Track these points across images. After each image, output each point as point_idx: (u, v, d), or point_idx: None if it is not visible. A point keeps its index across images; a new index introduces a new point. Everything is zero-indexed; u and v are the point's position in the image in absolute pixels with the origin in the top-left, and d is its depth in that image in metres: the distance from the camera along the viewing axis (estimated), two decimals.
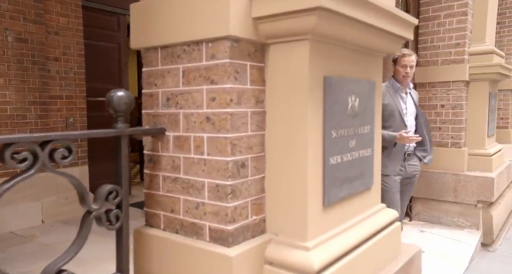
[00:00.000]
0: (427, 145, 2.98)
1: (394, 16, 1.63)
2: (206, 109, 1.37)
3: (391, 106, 2.85)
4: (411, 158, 3.00)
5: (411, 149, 2.97)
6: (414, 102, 2.99)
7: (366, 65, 1.75)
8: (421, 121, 2.96)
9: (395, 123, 2.85)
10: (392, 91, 2.92)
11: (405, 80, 2.88)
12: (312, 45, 1.36)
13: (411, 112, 2.96)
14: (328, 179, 1.49)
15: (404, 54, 2.85)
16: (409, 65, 2.83)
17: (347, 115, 1.59)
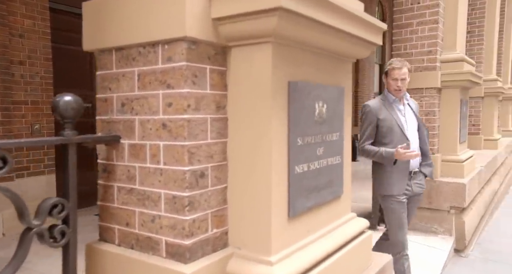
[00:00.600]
0: (429, 156, 2.70)
1: (362, 21, 1.60)
2: (162, 115, 1.28)
3: (388, 120, 2.56)
4: (417, 176, 2.66)
5: (416, 165, 2.64)
6: (414, 113, 2.69)
7: (335, 70, 1.71)
8: (424, 132, 2.67)
9: (396, 139, 2.54)
10: (388, 104, 2.63)
11: (398, 93, 2.62)
12: (275, 48, 1.29)
13: (412, 124, 2.66)
14: (293, 189, 1.42)
15: (393, 67, 2.60)
16: (400, 78, 2.56)
17: (314, 122, 1.53)
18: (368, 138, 2.63)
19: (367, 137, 2.62)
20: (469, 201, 4.21)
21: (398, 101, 2.64)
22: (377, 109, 2.60)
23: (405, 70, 2.59)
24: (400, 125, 2.56)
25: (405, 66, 2.60)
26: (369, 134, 2.62)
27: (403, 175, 2.58)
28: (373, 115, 2.59)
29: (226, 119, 1.39)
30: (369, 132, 2.61)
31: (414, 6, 4.09)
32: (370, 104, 2.67)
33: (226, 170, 1.41)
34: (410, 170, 2.59)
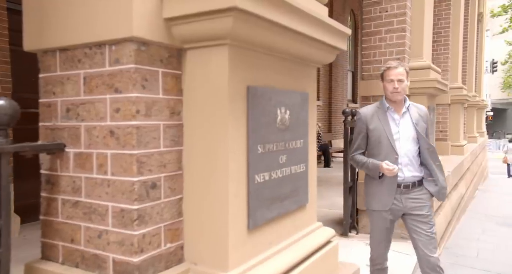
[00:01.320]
0: (437, 175, 2.30)
1: (325, 25, 1.56)
2: (109, 122, 1.18)
3: (377, 131, 2.29)
4: (411, 191, 2.30)
5: (408, 179, 2.29)
6: (414, 123, 2.29)
7: (298, 75, 1.66)
8: (424, 146, 2.28)
9: (384, 151, 2.27)
10: (381, 112, 2.31)
11: (395, 97, 2.24)
12: (233, 51, 1.23)
13: (408, 136, 2.28)
14: (253, 199, 1.35)
15: (388, 67, 2.29)
16: (397, 79, 2.22)
17: (276, 129, 1.47)
18: (358, 148, 2.40)
19: (356, 147, 2.40)
20: (436, 207, 4.27)
21: (392, 110, 2.30)
22: (368, 117, 2.33)
23: (402, 70, 2.25)
24: (389, 137, 2.26)
25: (401, 66, 2.27)
26: (358, 145, 2.39)
27: (388, 189, 2.31)
28: (363, 123, 2.35)
29: (181, 126, 1.31)
30: (358, 142, 2.38)
31: (382, 14, 4.16)
32: (361, 112, 2.39)
33: (181, 180, 1.32)
34: (400, 183, 2.28)
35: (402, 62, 2.33)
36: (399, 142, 2.28)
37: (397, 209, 2.32)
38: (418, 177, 2.32)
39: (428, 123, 2.36)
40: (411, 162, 2.29)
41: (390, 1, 4.12)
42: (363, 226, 4.35)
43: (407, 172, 2.30)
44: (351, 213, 4.31)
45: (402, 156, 2.27)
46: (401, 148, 2.28)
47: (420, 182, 2.34)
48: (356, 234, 4.30)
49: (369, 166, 2.31)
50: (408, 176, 2.29)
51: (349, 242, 4.07)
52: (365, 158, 2.35)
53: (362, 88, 4.38)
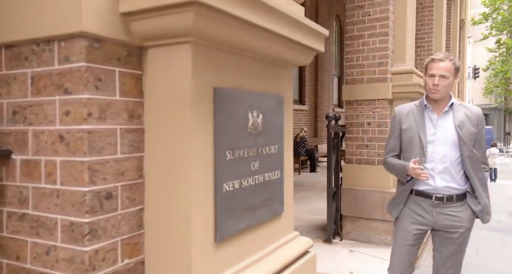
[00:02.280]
0: (478, 190, 1.92)
1: (301, 25, 1.48)
2: (59, 126, 1.07)
3: (410, 131, 1.99)
4: (446, 205, 1.92)
5: (441, 190, 1.92)
6: (456, 125, 1.92)
7: (273, 77, 1.58)
8: (466, 154, 1.90)
9: (414, 154, 1.96)
10: (418, 111, 2.01)
11: (433, 95, 1.92)
12: (197, 49, 1.14)
13: (446, 140, 1.93)
14: (221, 209, 1.25)
15: (432, 59, 1.93)
16: (438, 74, 1.87)
17: (247, 134, 1.38)
18: (390, 150, 2.12)
19: (389, 149, 2.12)
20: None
21: (431, 108, 1.98)
22: (403, 116, 2.04)
23: (448, 65, 1.88)
24: (422, 138, 1.94)
25: (449, 59, 1.89)
26: (391, 146, 2.11)
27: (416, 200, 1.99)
28: (397, 123, 2.07)
29: (142, 131, 1.21)
30: (391, 144, 2.11)
31: (365, 18, 4.14)
32: (396, 110, 2.11)
33: (142, 189, 1.21)
34: (431, 193, 1.93)
35: (451, 55, 1.94)
36: (433, 145, 1.93)
37: (427, 224, 1.95)
38: (457, 189, 1.92)
39: (480, 128, 1.96)
40: (447, 170, 1.91)
41: (372, 5, 4.10)
42: (347, 232, 4.28)
43: (440, 181, 1.91)
44: (335, 219, 4.24)
45: (436, 162, 1.92)
46: (436, 152, 1.92)
47: (460, 197, 1.93)
48: (340, 241, 4.23)
49: (396, 168, 2.03)
50: (440, 186, 1.91)
51: (332, 248, 3.99)
52: (396, 160, 2.06)
53: (345, 93, 4.34)
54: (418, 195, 1.99)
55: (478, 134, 1.95)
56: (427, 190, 1.95)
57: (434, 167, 1.93)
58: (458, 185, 1.93)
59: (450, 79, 1.89)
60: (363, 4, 4.14)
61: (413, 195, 2.00)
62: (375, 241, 4.09)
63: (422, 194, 1.97)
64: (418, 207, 1.99)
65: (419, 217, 1.98)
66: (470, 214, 1.94)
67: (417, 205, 1.99)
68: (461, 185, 1.94)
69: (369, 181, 4.15)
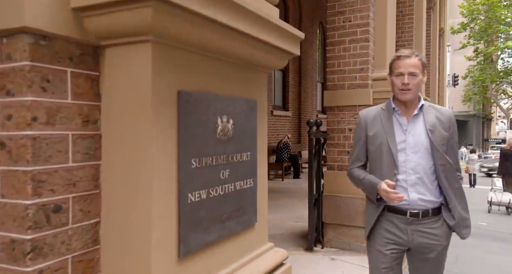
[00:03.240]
0: (453, 202, 1.70)
1: (274, 26, 1.42)
2: (0, 131, 0.97)
3: (378, 138, 1.74)
4: (422, 221, 1.70)
5: (416, 205, 1.69)
6: (428, 129, 1.70)
7: (245, 81, 1.50)
8: (438, 161, 1.68)
9: (384, 165, 1.72)
10: (386, 115, 1.76)
11: (404, 96, 1.68)
12: (158, 49, 1.05)
13: (418, 147, 1.69)
14: (186, 221, 1.16)
15: (398, 56, 1.71)
16: (407, 72, 1.66)
17: (216, 140, 1.30)
18: (356, 160, 1.86)
19: (354, 158, 1.86)
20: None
21: (400, 112, 1.74)
22: (368, 121, 1.79)
23: (416, 61, 1.68)
24: (390, 147, 1.70)
25: (415, 55, 1.70)
26: (356, 156, 1.85)
27: (388, 218, 1.76)
28: (362, 129, 1.82)
29: (99, 137, 1.11)
30: (356, 153, 1.85)
31: (346, 24, 4.13)
32: (361, 115, 1.86)
33: (98, 201, 1.11)
34: (405, 209, 1.70)
35: (416, 51, 1.75)
36: (404, 153, 1.69)
37: (401, 243, 1.72)
38: (433, 202, 1.70)
39: (451, 132, 1.75)
40: (421, 181, 1.68)
41: (353, 11, 4.11)
42: (328, 240, 4.22)
43: (414, 194, 1.69)
44: (316, 226, 4.18)
45: (409, 173, 1.69)
46: (408, 161, 1.69)
47: (436, 211, 1.70)
48: (322, 248, 4.16)
49: (364, 183, 1.76)
50: (414, 199, 1.68)
51: (313, 257, 3.92)
52: (363, 173, 1.81)
53: (327, 99, 4.31)
54: (391, 211, 1.73)
55: (450, 139, 1.73)
56: (400, 206, 1.71)
57: (406, 178, 1.69)
58: (434, 197, 1.71)
59: (419, 76, 1.69)
60: (344, 10, 4.14)
61: (385, 211, 1.75)
62: (357, 249, 4.04)
63: (395, 210, 1.72)
64: (392, 225, 1.74)
65: (393, 236, 1.72)
66: (447, 230, 1.73)
67: (390, 223, 1.74)
68: (437, 197, 1.72)
69: (350, 188, 4.09)
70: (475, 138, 31.33)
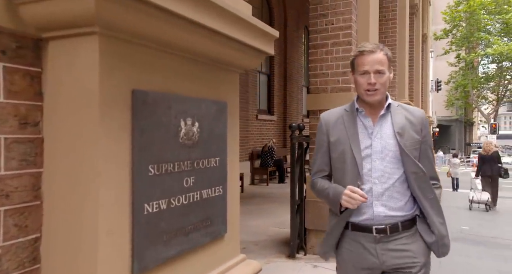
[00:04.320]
0: (430, 216, 1.46)
1: (244, 23, 1.32)
2: None
3: (341, 143, 1.50)
4: (391, 238, 1.43)
5: (381, 220, 1.43)
6: (396, 132, 1.46)
7: (214, 81, 1.40)
8: (410, 169, 1.44)
9: (349, 175, 1.47)
10: (349, 117, 1.52)
11: (372, 98, 1.45)
12: (106, 43, 0.94)
13: (385, 153, 1.45)
14: (141, 235, 1.04)
15: (360, 52, 1.46)
16: (374, 70, 1.43)
17: (179, 145, 1.19)
18: (319, 170, 1.58)
19: (317, 168, 1.59)
20: None
21: (364, 113, 1.51)
22: (330, 125, 1.54)
23: (381, 56, 1.44)
24: (354, 153, 1.46)
25: (379, 49, 1.46)
26: (319, 165, 1.58)
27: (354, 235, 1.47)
28: (323, 134, 1.56)
29: (40, 141, 0.98)
30: (319, 162, 1.58)
31: (328, 27, 4.08)
32: (323, 118, 1.60)
33: (39, 214, 0.98)
34: (369, 225, 1.43)
35: (380, 44, 1.51)
36: (370, 160, 1.45)
37: (372, 266, 1.45)
38: (402, 216, 1.44)
39: (424, 135, 1.51)
40: (390, 192, 1.44)
41: (335, 14, 4.06)
42: (311, 247, 4.13)
43: (379, 208, 1.42)
44: (298, 232, 4.08)
45: (375, 183, 1.43)
46: (373, 170, 1.44)
47: (407, 224, 1.45)
48: (304, 255, 4.07)
49: (329, 193, 1.49)
50: (380, 214, 1.42)
51: (296, 264, 3.82)
52: (327, 184, 1.54)
53: (309, 102, 4.24)
54: (355, 229, 1.45)
55: (423, 143, 1.49)
56: (364, 221, 1.43)
57: (372, 188, 1.43)
58: (403, 210, 1.45)
59: (386, 74, 1.45)
60: (326, 13, 4.08)
61: (349, 230, 1.47)
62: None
63: (359, 227, 1.44)
64: (358, 246, 1.45)
65: (362, 259, 1.45)
66: (424, 246, 1.46)
67: (356, 243, 1.45)
68: (408, 209, 1.46)
69: None
70: (458, 142, 31.94)
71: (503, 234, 5.80)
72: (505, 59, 21.61)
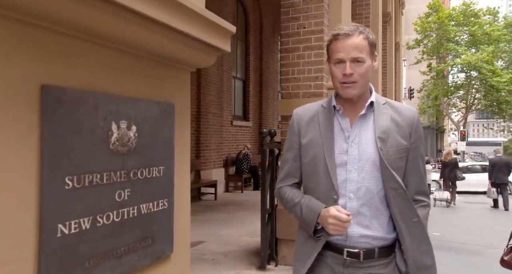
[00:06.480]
0: (405, 243, 1.20)
1: (192, 13, 1.16)
2: None
3: (313, 147, 1.25)
4: (364, 265, 1.19)
5: (355, 242, 1.19)
6: (377, 137, 1.20)
7: (158, 80, 1.23)
8: (389, 184, 1.19)
9: (321, 185, 1.22)
10: (325, 116, 1.27)
11: (348, 92, 1.18)
12: (7, 26, 0.76)
13: (365, 160, 1.20)
14: (51, 263, 0.85)
15: (335, 35, 1.20)
16: (350, 58, 1.16)
17: (110, 152, 1.01)
18: (287, 176, 1.32)
19: (285, 173, 1.33)
20: None
21: (341, 112, 1.24)
22: (304, 123, 1.29)
23: (359, 41, 1.17)
24: (327, 160, 1.21)
25: (359, 32, 1.18)
26: (288, 170, 1.32)
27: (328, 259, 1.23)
28: (295, 134, 1.30)
29: None
30: (288, 166, 1.32)
31: (300, 30, 3.99)
32: (296, 114, 1.35)
33: None
34: (340, 246, 1.20)
35: (360, 26, 1.22)
36: (345, 170, 1.20)
37: None
38: (382, 239, 1.20)
39: (414, 140, 1.24)
40: (367, 209, 1.19)
41: (307, 17, 3.97)
42: (282, 257, 3.97)
43: (354, 228, 1.18)
44: (269, 242, 3.92)
45: (350, 197, 1.19)
46: (348, 181, 1.20)
47: (385, 251, 1.21)
48: (275, 266, 3.90)
49: (302, 207, 1.22)
50: (353, 234, 1.19)
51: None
52: (297, 194, 1.28)
53: (281, 107, 4.12)
54: (324, 247, 1.22)
55: (412, 150, 1.22)
56: (336, 241, 1.20)
57: (346, 204, 1.18)
58: (383, 231, 1.20)
59: (367, 62, 1.17)
60: (298, 16, 3.99)
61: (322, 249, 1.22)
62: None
63: (329, 245, 1.22)
64: (327, 268, 1.22)
65: None
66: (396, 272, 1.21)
67: (325, 265, 1.22)
68: (388, 232, 1.21)
69: None
70: (430, 149, 32.86)
71: (472, 239, 5.85)
72: (473, 69, 22.43)
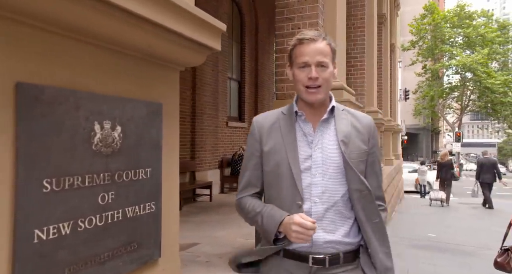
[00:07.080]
0: (372, 244, 1.20)
1: (180, 10, 1.13)
2: None
3: (276, 153, 1.23)
4: (331, 271, 1.17)
5: (320, 248, 1.17)
6: (340, 140, 1.21)
7: (145, 79, 1.19)
8: (354, 186, 1.19)
9: (284, 192, 1.20)
10: (287, 122, 1.26)
11: (312, 97, 1.19)
12: None
13: (328, 164, 1.20)
14: (28, 270, 0.81)
15: (300, 40, 1.22)
16: (315, 62, 1.18)
17: (92, 153, 0.97)
18: (247, 186, 1.29)
19: (245, 181, 1.29)
20: None
21: (304, 118, 1.24)
22: (265, 131, 1.27)
23: (323, 46, 1.20)
24: (291, 166, 1.19)
25: (322, 38, 1.21)
26: (249, 179, 1.29)
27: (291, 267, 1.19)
28: (256, 141, 1.28)
29: None
30: (249, 175, 1.29)
31: (295, 31, 3.96)
32: (256, 122, 1.34)
33: None
34: (305, 253, 1.17)
35: (323, 33, 1.26)
36: (309, 174, 1.20)
37: None
38: (347, 244, 1.20)
39: (372, 146, 1.27)
40: (332, 213, 1.19)
41: (302, 18, 3.95)
42: None
43: (319, 233, 1.16)
44: None
45: (314, 201, 1.18)
46: (313, 186, 1.19)
47: (350, 256, 1.20)
48: None
49: (263, 217, 1.19)
50: (318, 240, 1.17)
51: None
52: (258, 204, 1.24)
53: (276, 108, 4.09)
54: (288, 257, 1.19)
55: (371, 155, 1.25)
56: (300, 248, 1.17)
57: (311, 209, 1.17)
58: (348, 236, 1.19)
59: (330, 68, 1.20)
60: (292, 17, 3.97)
61: (280, 256, 1.19)
62: None
63: (293, 254, 1.19)
64: None
65: None
66: None
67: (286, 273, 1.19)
68: (353, 236, 1.20)
69: None
70: (425, 150, 33.00)
71: (467, 240, 5.85)
72: (467, 70, 22.57)
